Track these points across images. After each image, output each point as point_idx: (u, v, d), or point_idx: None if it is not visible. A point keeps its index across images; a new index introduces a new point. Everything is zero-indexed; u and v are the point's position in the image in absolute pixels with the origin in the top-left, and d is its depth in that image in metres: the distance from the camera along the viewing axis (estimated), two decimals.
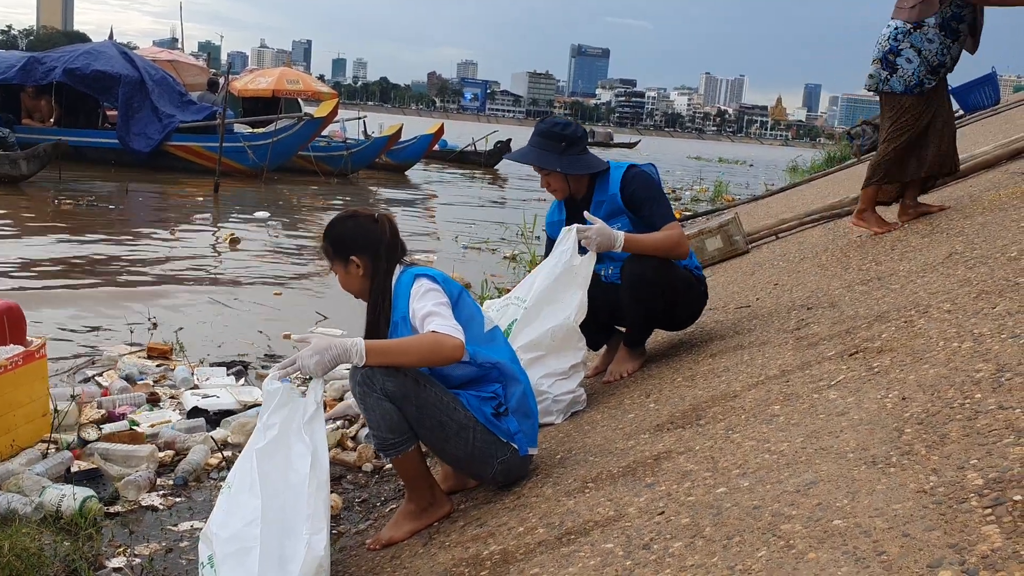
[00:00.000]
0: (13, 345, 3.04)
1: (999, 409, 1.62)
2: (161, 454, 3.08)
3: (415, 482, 2.34)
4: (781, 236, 5.67)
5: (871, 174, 4.04)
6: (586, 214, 2.98)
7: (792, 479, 1.65)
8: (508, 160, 3.26)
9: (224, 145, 13.40)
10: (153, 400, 3.67)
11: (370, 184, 16.28)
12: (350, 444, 3.26)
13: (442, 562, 2.04)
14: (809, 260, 4.28)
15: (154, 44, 35.20)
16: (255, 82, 17.48)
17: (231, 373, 4.13)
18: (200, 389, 3.86)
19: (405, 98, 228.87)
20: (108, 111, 14.74)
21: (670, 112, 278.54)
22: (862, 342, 2.42)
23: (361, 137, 18.24)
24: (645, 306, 3.04)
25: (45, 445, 2.99)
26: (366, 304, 2.43)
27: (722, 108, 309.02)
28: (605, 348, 3.43)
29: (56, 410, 3.20)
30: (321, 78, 62.43)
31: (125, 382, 3.83)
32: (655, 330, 3.31)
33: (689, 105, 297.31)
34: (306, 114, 15.50)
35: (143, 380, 3.95)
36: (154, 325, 5.09)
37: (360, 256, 2.36)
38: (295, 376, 2.12)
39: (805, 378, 2.30)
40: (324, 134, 16.34)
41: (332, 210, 9.21)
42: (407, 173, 19.00)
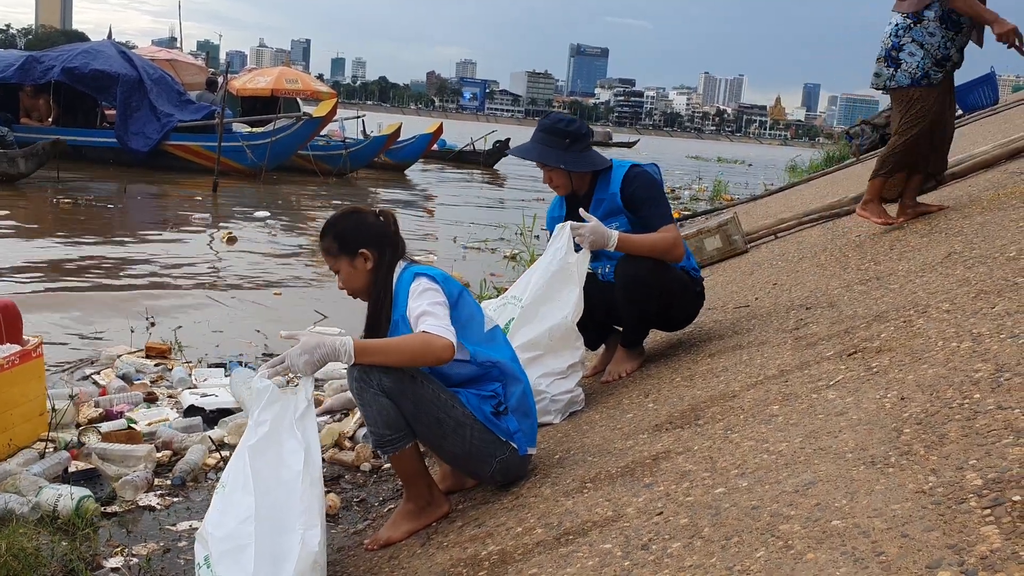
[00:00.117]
0: (9, 344, 3.02)
1: (998, 409, 1.61)
2: (159, 454, 3.08)
3: (413, 480, 2.33)
4: (780, 236, 5.67)
5: (879, 166, 4.04)
6: (581, 211, 2.97)
7: (791, 479, 1.65)
8: (511, 155, 3.24)
9: (223, 144, 13.38)
10: (151, 399, 3.66)
11: (369, 183, 16.27)
12: (348, 444, 3.25)
13: (440, 562, 2.04)
14: (808, 260, 4.28)
15: (153, 43, 35.22)
16: (254, 81, 17.48)
17: (229, 373, 4.12)
18: (198, 389, 3.85)
19: (404, 97, 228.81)
20: (106, 110, 14.72)
21: (669, 112, 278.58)
22: (861, 342, 2.42)
23: (360, 136, 18.24)
24: (638, 307, 3.03)
25: (43, 445, 2.98)
26: (366, 303, 2.43)
27: (721, 108, 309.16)
28: (603, 348, 3.42)
29: (54, 409, 3.19)
30: (320, 77, 62.41)
31: (122, 381, 3.82)
32: (654, 329, 3.30)
33: (688, 105, 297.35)
34: (305, 114, 15.49)
35: (140, 380, 3.95)
36: (151, 324, 5.08)
37: (369, 249, 2.36)
38: (285, 375, 2.10)
39: (804, 378, 2.30)
40: (323, 133, 16.33)
41: (331, 209, 9.18)
42: (406, 172, 19.00)
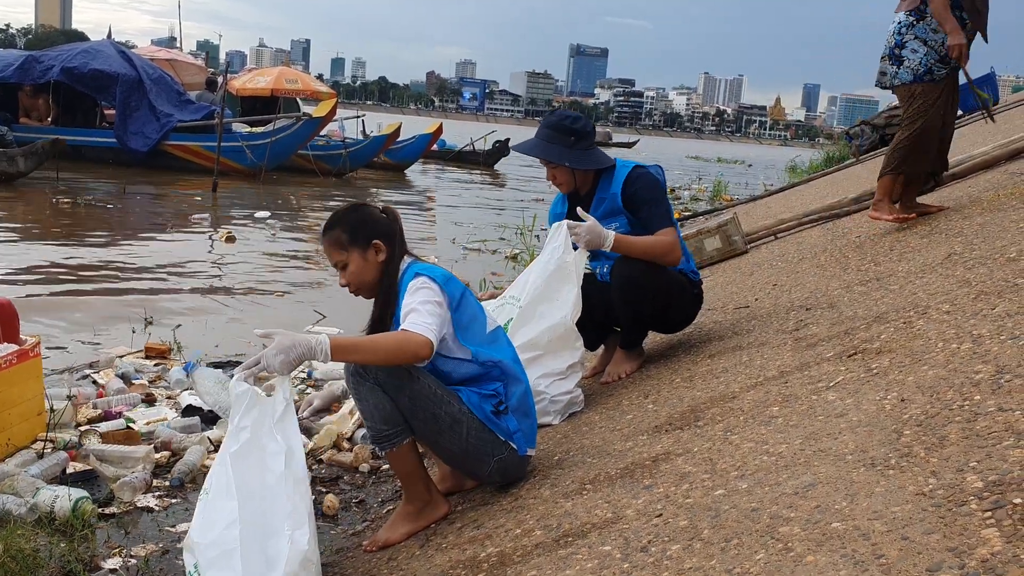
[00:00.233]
0: (6, 343, 3.01)
1: (998, 411, 1.61)
2: (157, 455, 3.07)
3: (411, 479, 2.32)
4: (780, 236, 5.66)
5: (886, 163, 4.03)
6: (579, 211, 2.96)
7: (791, 481, 1.64)
8: (516, 152, 3.23)
9: (222, 144, 13.37)
10: (149, 400, 3.65)
11: (368, 183, 16.26)
12: (346, 445, 3.25)
13: (439, 564, 2.03)
14: (808, 260, 4.27)
15: (152, 43, 35.24)
16: (253, 81, 17.47)
17: (229, 373, 4.12)
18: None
19: (404, 97, 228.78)
20: (106, 110, 14.71)
21: (669, 112, 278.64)
22: (861, 343, 2.42)
23: (359, 136, 18.24)
24: (634, 308, 3.02)
25: (42, 445, 2.97)
26: (369, 300, 2.41)
27: (721, 108, 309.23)
28: (603, 349, 3.41)
29: (52, 409, 3.19)
30: (320, 77, 62.43)
31: (121, 382, 3.81)
32: (653, 331, 3.29)
33: (688, 105, 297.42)
34: (305, 114, 15.48)
35: (139, 380, 3.94)
36: (148, 323, 5.08)
37: (381, 240, 2.34)
38: (261, 376, 2.05)
39: (804, 379, 2.29)
40: (323, 133, 16.32)
41: (331, 210, 9.18)
42: (405, 172, 19.00)
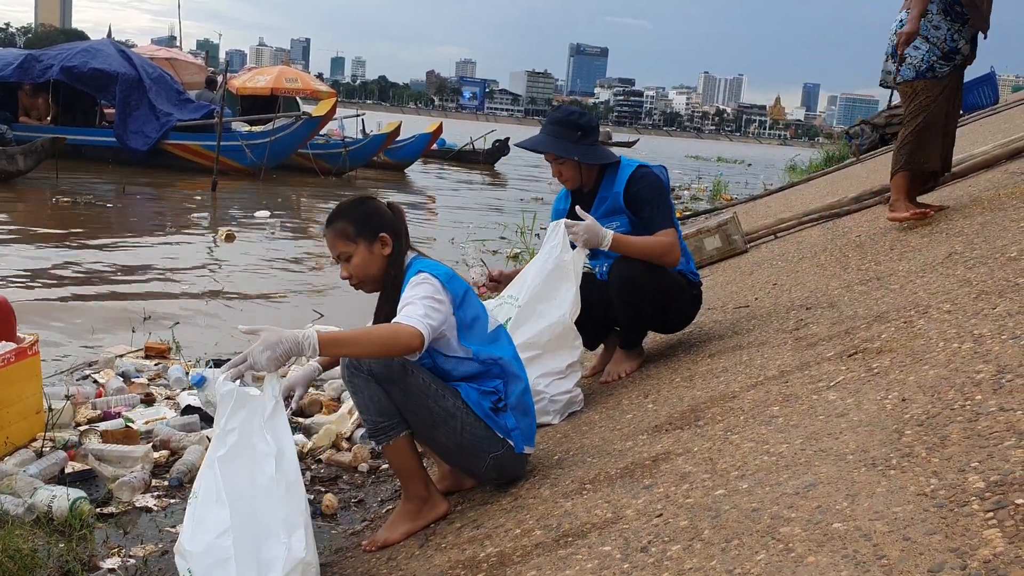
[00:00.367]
0: (4, 341, 3.00)
1: (1000, 411, 1.60)
2: (156, 454, 3.06)
3: (408, 476, 2.31)
4: (780, 236, 5.66)
5: (895, 162, 4.02)
6: (578, 210, 2.95)
7: (791, 481, 1.64)
8: (520, 148, 3.22)
9: (222, 144, 13.36)
10: (148, 400, 3.65)
11: (368, 183, 16.25)
12: (345, 445, 3.24)
13: (438, 564, 2.02)
14: (808, 260, 4.27)
15: (152, 42, 35.24)
16: (253, 80, 17.47)
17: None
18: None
19: (404, 97, 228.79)
20: (105, 109, 14.72)
21: (668, 111, 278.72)
22: (861, 343, 2.41)
23: (359, 135, 18.23)
24: (632, 308, 3.01)
25: (40, 444, 2.97)
26: (368, 295, 2.40)
27: (720, 107, 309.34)
28: (602, 348, 3.40)
29: (51, 408, 3.18)
30: (320, 76, 62.39)
31: (121, 381, 3.81)
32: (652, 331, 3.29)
33: (688, 104, 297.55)
34: (304, 113, 15.48)
35: (138, 379, 3.93)
36: (145, 320, 5.08)
37: (387, 233, 2.33)
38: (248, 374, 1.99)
39: (804, 379, 2.29)
40: (322, 132, 16.32)
41: (330, 209, 9.16)
42: (405, 172, 18.99)
